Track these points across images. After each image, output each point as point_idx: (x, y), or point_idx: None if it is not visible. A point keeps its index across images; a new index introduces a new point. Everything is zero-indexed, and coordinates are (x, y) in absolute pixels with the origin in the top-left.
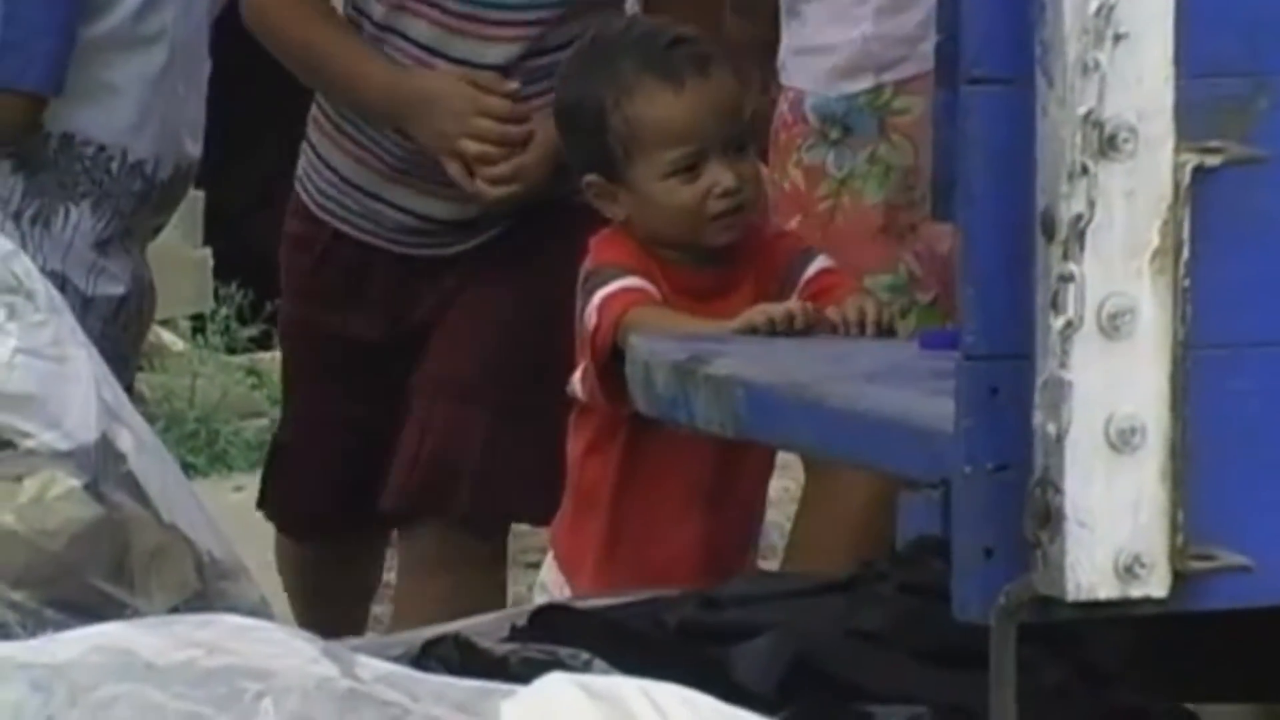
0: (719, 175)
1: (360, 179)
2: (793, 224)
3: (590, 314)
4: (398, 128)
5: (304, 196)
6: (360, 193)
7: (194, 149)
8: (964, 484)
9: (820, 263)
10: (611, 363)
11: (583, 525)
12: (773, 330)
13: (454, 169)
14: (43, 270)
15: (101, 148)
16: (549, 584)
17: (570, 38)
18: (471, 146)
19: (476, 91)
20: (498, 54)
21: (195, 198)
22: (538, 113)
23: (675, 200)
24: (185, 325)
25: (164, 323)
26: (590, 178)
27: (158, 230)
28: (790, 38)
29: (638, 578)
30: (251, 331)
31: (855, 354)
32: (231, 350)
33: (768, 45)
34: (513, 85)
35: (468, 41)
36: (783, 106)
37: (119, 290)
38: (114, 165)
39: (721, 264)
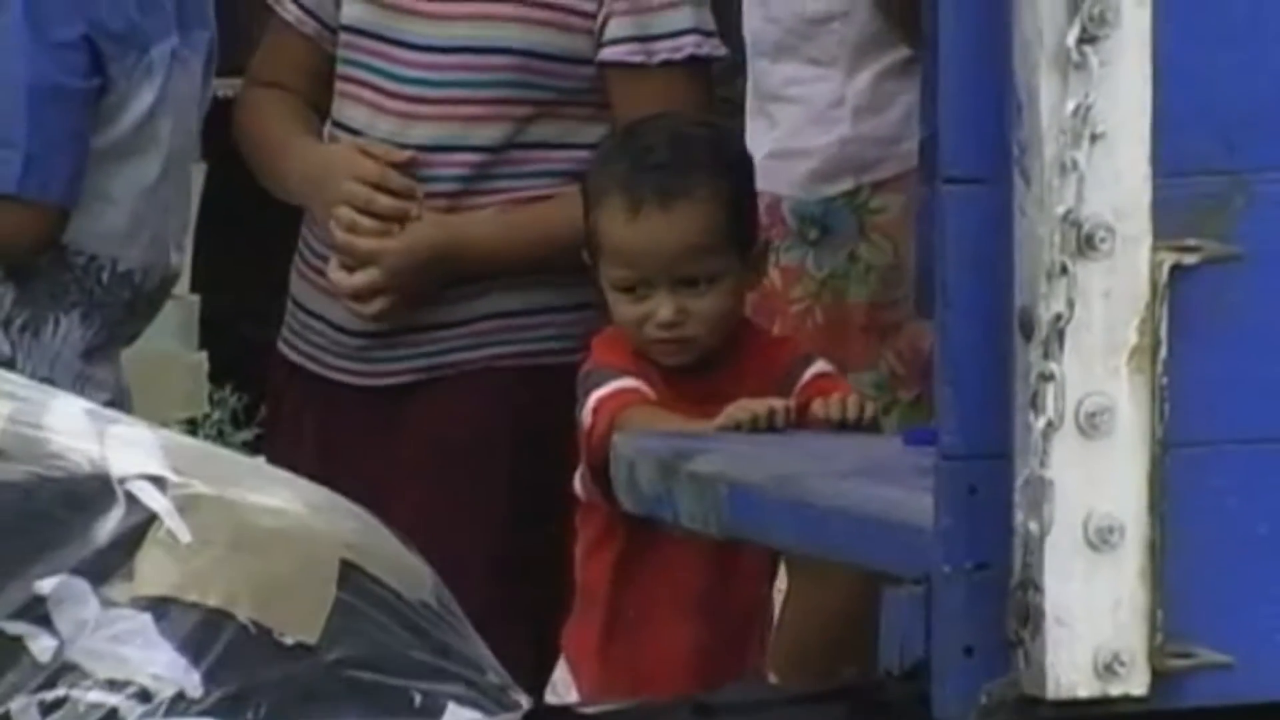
0: (659, 306)
1: (301, 294)
2: (776, 329)
3: (586, 415)
4: (307, 208)
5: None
6: (302, 310)
7: (178, 258)
8: (944, 583)
9: (817, 367)
10: (607, 463)
11: (584, 623)
12: (755, 426)
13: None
14: (30, 378)
15: (93, 257)
16: (558, 684)
17: (544, 139)
18: (343, 213)
19: (356, 156)
20: (421, 134)
21: (191, 302)
22: (481, 211)
23: (619, 313)
24: (179, 430)
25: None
26: (586, 255)
27: (134, 337)
28: (760, 142)
29: (632, 678)
30: (245, 435)
31: (839, 451)
32: None
33: None
34: (405, 155)
35: (391, 120)
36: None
37: (105, 397)
38: (104, 275)
39: (718, 369)
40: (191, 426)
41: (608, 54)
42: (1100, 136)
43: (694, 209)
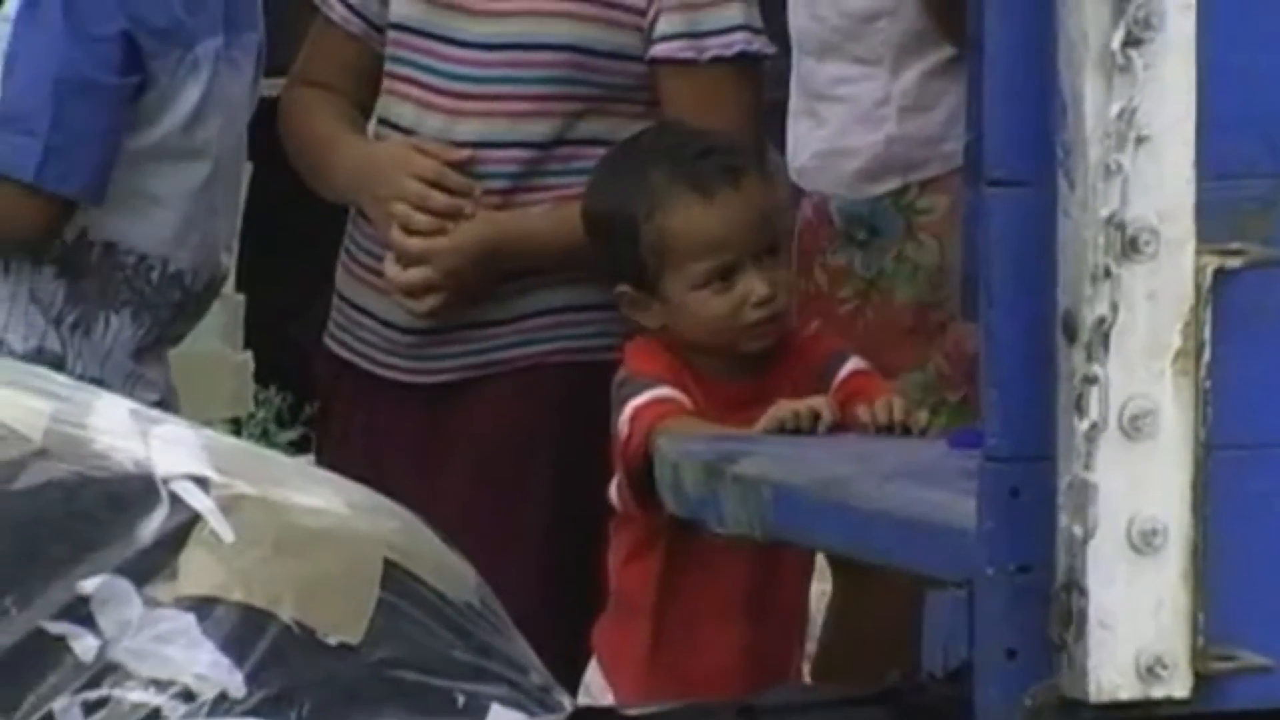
0: (753, 284)
1: (350, 290)
2: (813, 326)
3: (623, 425)
4: (357, 205)
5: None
6: (350, 307)
7: (227, 259)
8: (986, 586)
9: (853, 364)
10: (645, 472)
11: (625, 631)
12: (798, 425)
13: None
14: (81, 377)
15: (143, 257)
16: (592, 686)
17: (594, 135)
18: (398, 209)
19: (411, 153)
20: (468, 130)
21: (237, 301)
22: (534, 208)
23: (709, 310)
24: (223, 429)
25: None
26: (622, 288)
27: (181, 337)
28: (806, 141)
29: (679, 685)
30: (290, 435)
31: (883, 453)
32: None
33: None
34: (460, 153)
35: (438, 117)
36: (806, 210)
37: (154, 397)
38: (154, 275)
39: (756, 373)
40: (236, 426)
41: (658, 50)
42: (1145, 139)
43: (754, 180)
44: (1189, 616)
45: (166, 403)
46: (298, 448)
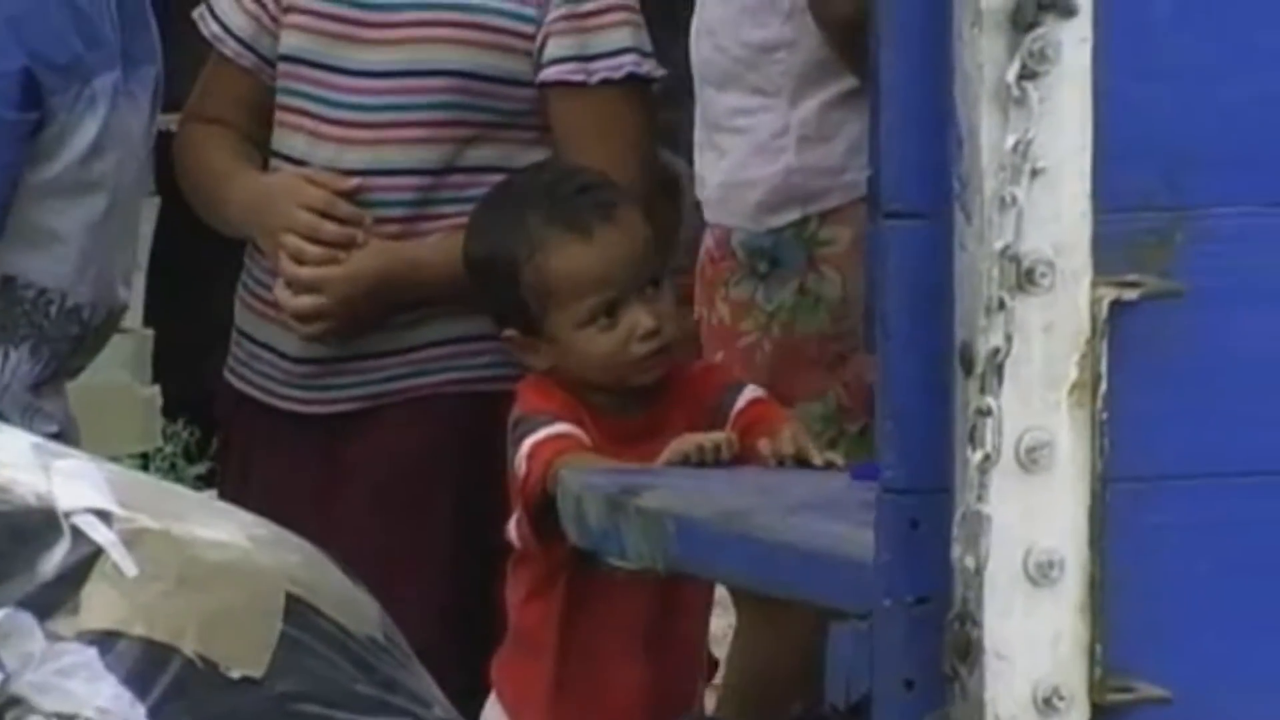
0: (638, 318)
1: (247, 323)
2: (717, 358)
3: (520, 462)
4: (251, 238)
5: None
6: (248, 340)
7: (125, 294)
8: (884, 617)
9: (750, 393)
10: (544, 510)
11: (527, 669)
12: (702, 460)
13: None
14: None
15: (42, 292)
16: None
17: (486, 162)
18: (289, 240)
19: (301, 184)
20: (358, 158)
21: (144, 335)
22: (428, 237)
23: (596, 348)
24: (131, 463)
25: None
26: (508, 332)
27: (79, 370)
28: (709, 173)
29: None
30: (199, 469)
31: (787, 485)
32: None
33: None
34: (348, 183)
35: (329, 146)
36: (708, 242)
37: (53, 429)
38: (53, 309)
39: (648, 406)
40: (144, 461)
41: (548, 74)
42: (1040, 172)
43: (629, 212)
44: (1087, 648)
45: (65, 435)
46: (206, 482)
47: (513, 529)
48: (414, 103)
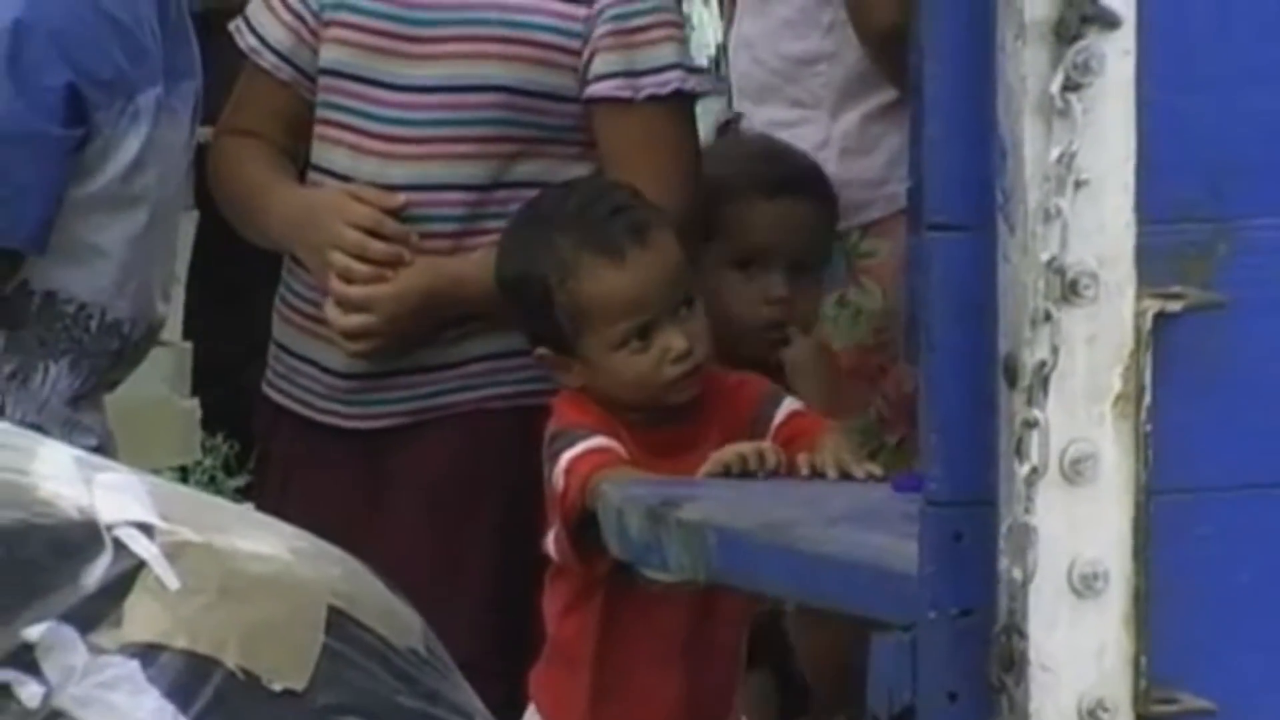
0: (671, 340)
1: (286, 338)
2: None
3: (558, 477)
4: (293, 253)
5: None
6: (288, 354)
7: (164, 308)
8: (928, 629)
9: (789, 406)
10: (582, 525)
11: (565, 681)
12: (745, 470)
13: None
14: (19, 425)
15: (82, 306)
16: None
17: (531, 177)
18: (336, 259)
19: (348, 201)
20: (403, 173)
21: (183, 349)
22: (473, 252)
23: (629, 370)
24: (170, 476)
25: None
26: (541, 351)
27: (117, 383)
28: None
29: None
30: (238, 482)
31: (828, 496)
32: None
33: None
34: (396, 200)
35: (373, 161)
36: None
37: (92, 442)
38: (93, 324)
39: (685, 418)
40: (183, 473)
41: (594, 89)
42: (1084, 184)
43: (662, 233)
44: (1131, 660)
45: (104, 448)
46: (245, 494)
47: (550, 543)
48: (461, 118)
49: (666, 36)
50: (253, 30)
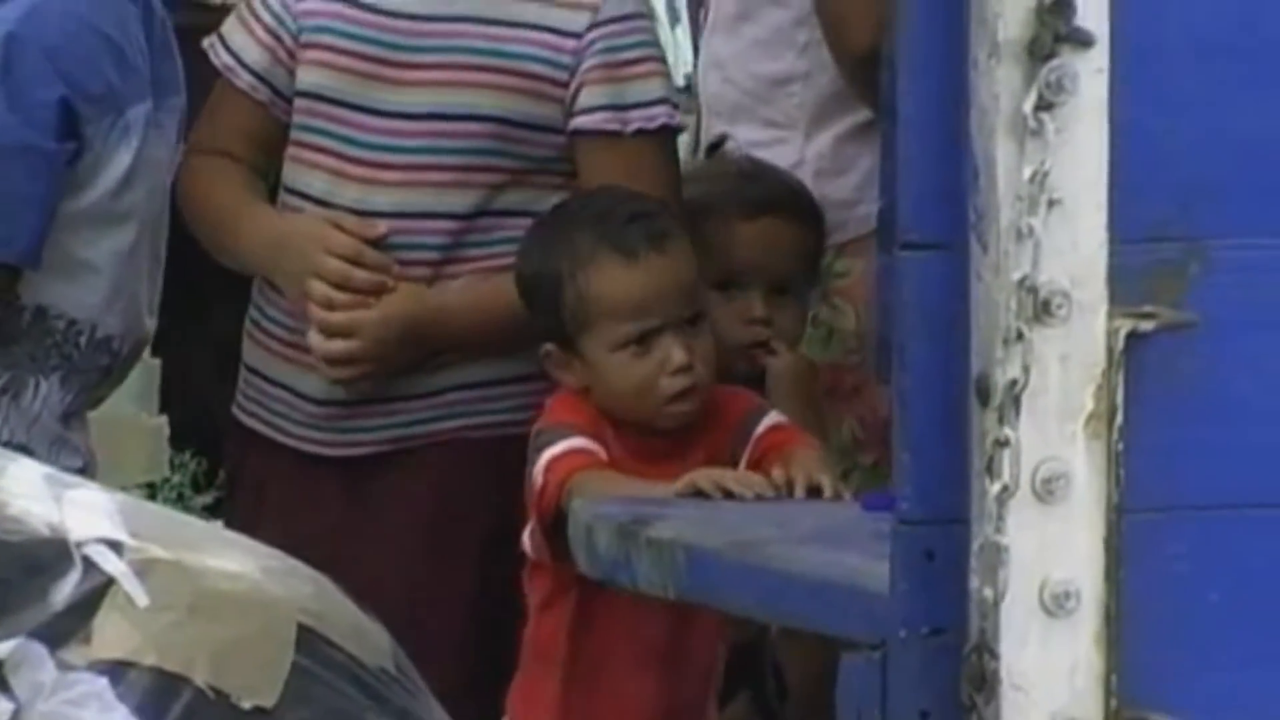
0: (671, 350)
1: (259, 362)
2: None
3: (538, 474)
4: (268, 278)
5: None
6: (261, 379)
7: (151, 324)
8: (899, 648)
9: (771, 419)
10: (557, 523)
11: (538, 684)
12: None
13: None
14: (7, 443)
15: (72, 322)
16: None
17: (514, 206)
18: (316, 287)
19: (328, 229)
20: (386, 201)
21: (152, 365)
22: (454, 281)
23: (626, 374)
24: (139, 493)
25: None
26: (547, 347)
27: (101, 400)
28: None
29: None
30: (206, 499)
31: (798, 515)
32: None
33: None
34: (376, 230)
35: (354, 187)
36: None
37: (78, 463)
38: (83, 340)
39: (674, 428)
40: (152, 490)
41: (581, 122)
42: (1057, 203)
43: (680, 247)
44: (1102, 679)
45: (88, 468)
46: (213, 512)
47: (527, 539)
48: (446, 146)
49: (654, 71)
50: (228, 48)
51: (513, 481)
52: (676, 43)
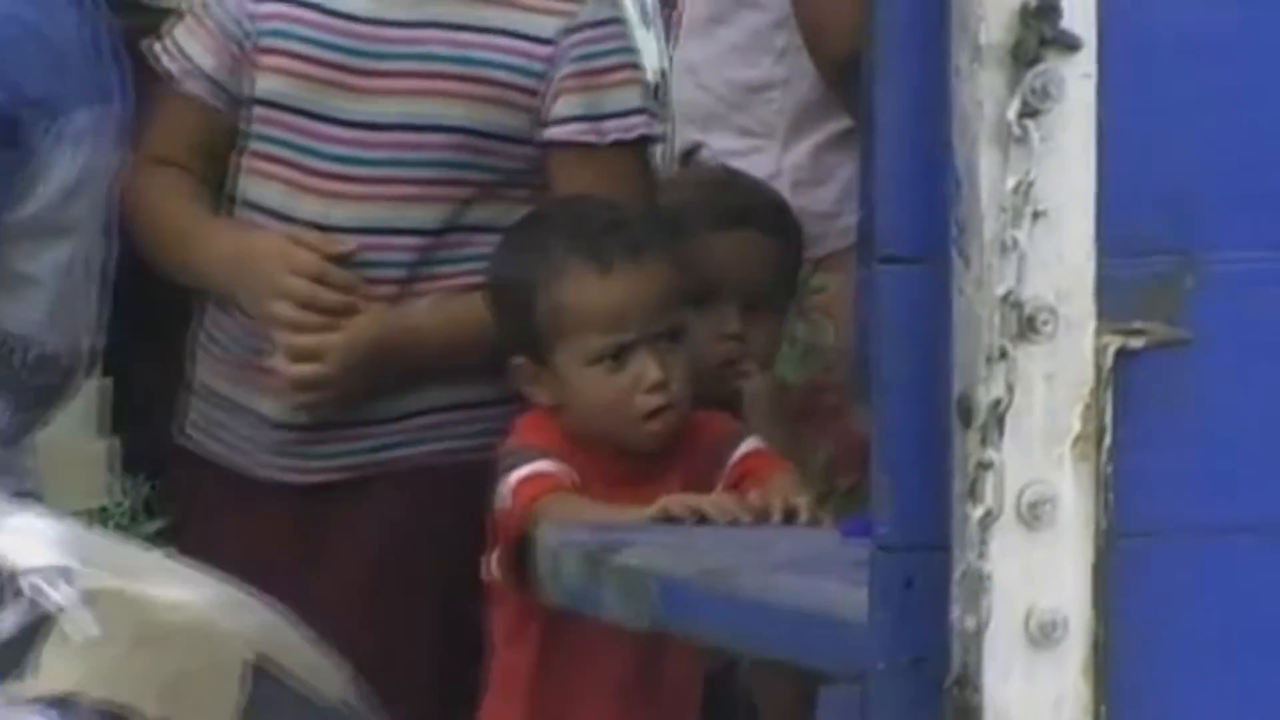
0: (646, 367)
1: (213, 383)
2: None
3: (504, 497)
4: (228, 297)
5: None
6: (214, 400)
7: (100, 341)
8: (878, 680)
9: (748, 445)
10: (522, 548)
11: (502, 714)
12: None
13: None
14: None
15: (16, 339)
16: None
17: (483, 221)
18: (281, 310)
19: (291, 247)
20: (348, 215)
21: (99, 386)
22: (421, 300)
23: (599, 391)
24: (85, 519)
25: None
26: (517, 360)
27: (47, 422)
28: None
29: None
30: (156, 525)
31: (774, 542)
32: None
33: None
34: (345, 246)
35: (314, 200)
36: None
37: (27, 486)
38: (24, 357)
39: (647, 452)
40: (100, 515)
41: (555, 132)
42: (1042, 214)
43: (659, 260)
44: (1090, 711)
45: (36, 493)
46: (162, 539)
47: (492, 564)
48: (412, 159)
49: (631, 79)
50: (180, 53)
51: (483, 510)
52: (645, 46)
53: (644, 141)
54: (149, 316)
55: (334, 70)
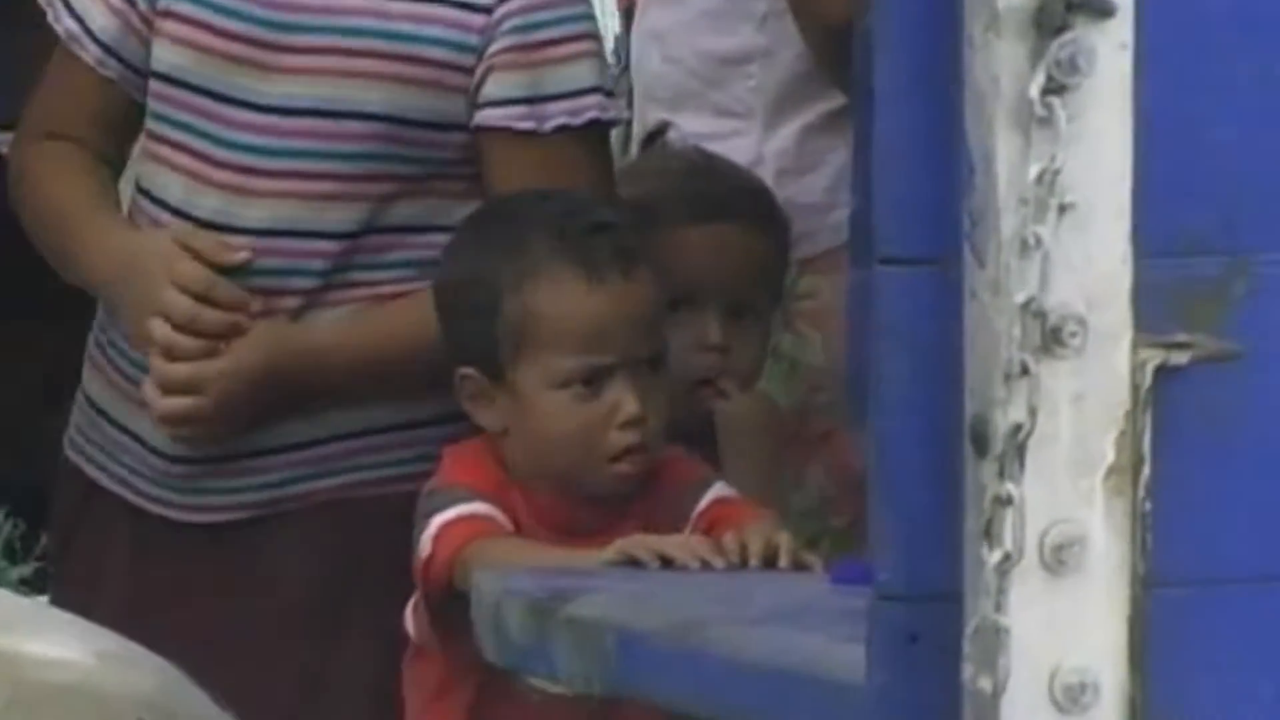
0: (624, 398)
1: (104, 401)
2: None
3: (425, 543)
4: (110, 308)
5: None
6: (105, 420)
7: None
8: None
9: (716, 491)
10: (447, 603)
11: None
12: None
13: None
14: None
15: None
16: None
17: (409, 221)
18: (157, 329)
19: (178, 255)
20: (256, 214)
21: None
22: (330, 312)
23: (564, 420)
24: None
25: None
26: (467, 370)
27: None
28: None
29: None
30: (24, 571)
31: (751, 590)
32: None
33: None
34: (236, 255)
35: (216, 195)
36: None
37: None
38: None
39: (598, 497)
40: None
41: (487, 116)
42: (1070, 208)
43: (647, 270)
44: None
45: None
46: (32, 587)
47: (409, 617)
48: (329, 150)
49: (581, 52)
50: (71, 12)
51: (406, 547)
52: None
53: (596, 126)
54: (22, 314)
55: (242, 44)
